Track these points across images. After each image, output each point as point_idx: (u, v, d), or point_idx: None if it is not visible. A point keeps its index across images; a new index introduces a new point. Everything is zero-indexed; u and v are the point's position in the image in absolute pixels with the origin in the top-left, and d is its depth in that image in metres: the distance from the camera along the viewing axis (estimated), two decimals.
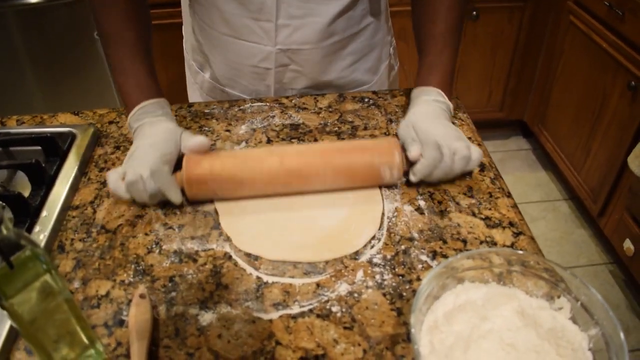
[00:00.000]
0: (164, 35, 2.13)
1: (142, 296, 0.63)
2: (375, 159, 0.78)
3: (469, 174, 0.83)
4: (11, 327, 0.62)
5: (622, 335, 0.52)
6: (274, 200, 0.79)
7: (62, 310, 0.54)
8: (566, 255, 2.16)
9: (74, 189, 0.83)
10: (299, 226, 0.75)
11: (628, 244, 1.88)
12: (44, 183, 0.82)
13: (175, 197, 0.77)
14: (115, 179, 0.77)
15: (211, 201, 0.79)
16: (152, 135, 0.80)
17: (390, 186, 0.81)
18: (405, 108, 0.98)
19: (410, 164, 0.80)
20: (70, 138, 0.92)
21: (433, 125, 0.81)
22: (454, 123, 0.91)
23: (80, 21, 2.14)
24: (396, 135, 0.87)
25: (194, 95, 1.17)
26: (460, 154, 0.77)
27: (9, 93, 2.31)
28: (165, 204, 0.78)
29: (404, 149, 0.81)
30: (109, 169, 0.86)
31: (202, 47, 1.06)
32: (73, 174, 0.84)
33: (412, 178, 0.80)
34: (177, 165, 0.79)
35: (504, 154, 2.70)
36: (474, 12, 2.23)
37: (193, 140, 0.78)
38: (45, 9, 2.10)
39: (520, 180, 2.53)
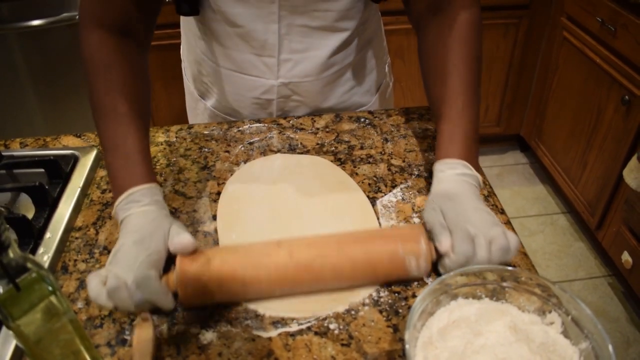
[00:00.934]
0: (163, 55, 2.16)
1: (144, 318, 0.64)
2: (400, 248, 0.68)
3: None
4: (16, 347, 0.64)
5: (610, 348, 0.53)
6: (273, 223, 0.80)
7: (67, 330, 0.55)
8: (565, 268, 2.18)
9: (76, 210, 0.85)
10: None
11: (626, 257, 1.89)
12: (47, 205, 0.84)
13: (167, 305, 0.66)
14: (95, 284, 0.63)
15: (212, 220, 0.81)
16: (138, 230, 0.69)
17: (416, 279, 0.72)
18: (400, 127, 1.00)
19: (439, 255, 0.70)
20: (73, 160, 0.94)
21: (463, 209, 0.71)
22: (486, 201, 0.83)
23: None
24: (422, 221, 0.77)
25: (195, 118, 1.19)
26: (497, 244, 0.66)
27: (11, 114, 2.33)
28: None
29: (431, 238, 0.71)
30: (111, 191, 0.88)
31: (204, 79, 1.08)
32: (76, 196, 0.86)
33: (442, 271, 0.70)
34: (169, 261, 0.69)
35: (502, 168, 2.72)
36: None
37: (176, 240, 0.67)
38: (47, 31, 2.12)
39: (518, 195, 2.55)
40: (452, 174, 0.76)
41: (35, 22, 2.08)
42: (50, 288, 0.52)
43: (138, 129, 0.77)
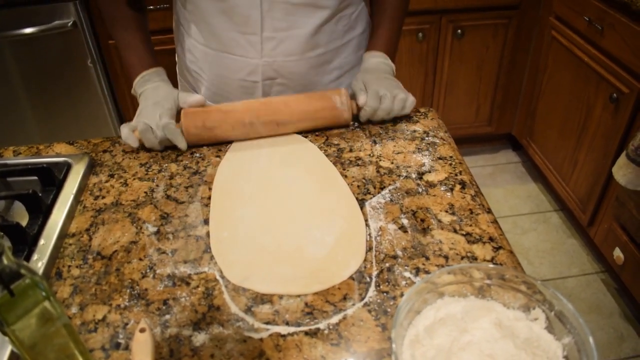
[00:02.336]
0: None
1: (142, 330, 0.65)
2: (327, 93, 1.00)
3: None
4: (11, 353, 0.65)
5: (591, 340, 0.54)
6: (264, 225, 0.82)
7: (61, 335, 0.56)
8: (558, 265, 2.19)
9: (70, 217, 0.86)
10: (288, 257, 0.76)
11: (618, 253, 1.91)
12: (41, 212, 0.85)
13: (181, 143, 0.96)
14: (127, 131, 0.96)
15: (203, 224, 0.82)
16: (154, 97, 0.99)
17: (345, 126, 1.03)
18: (388, 130, 1.02)
19: (359, 109, 1.00)
20: (66, 167, 0.95)
21: (377, 79, 1.02)
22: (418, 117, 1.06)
23: (74, 50, 2.17)
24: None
25: None
26: (398, 98, 0.99)
27: (3, 120, 2.34)
28: (159, 232, 0.81)
29: (353, 98, 1.03)
30: (104, 197, 0.89)
31: (193, 65, 1.11)
32: (69, 203, 0.87)
33: (362, 117, 1.01)
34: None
35: (494, 167, 2.74)
36: (459, 31, 2.28)
37: (192, 98, 0.97)
38: (40, 39, 2.13)
39: (511, 193, 2.57)
40: (374, 60, 1.07)
41: (28, 30, 2.09)
42: (44, 294, 0.53)
43: (143, 30, 1.09)
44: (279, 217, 0.83)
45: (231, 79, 1.06)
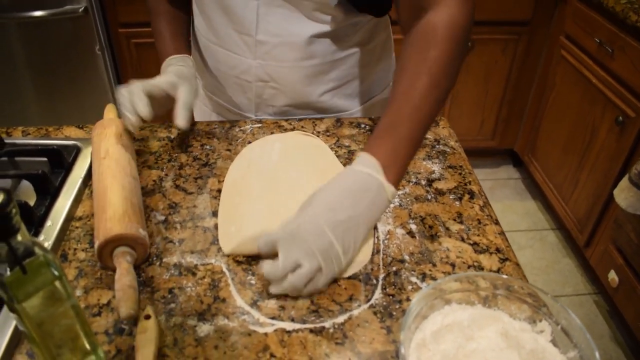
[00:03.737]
0: None
1: (147, 317, 0.65)
2: None
3: (459, 200, 0.87)
4: (14, 332, 0.64)
5: (597, 355, 0.55)
6: (271, 221, 0.82)
7: (69, 315, 0.56)
8: (552, 284, 2.20)
9: (77, 200, 0.86)
10: None
11: (612, 275, 1.92)
12: (49, 193, 0.85)
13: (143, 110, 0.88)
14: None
15: (211, 216, 0.82)
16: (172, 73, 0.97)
17: None
18: None
19: None
20: (76, 151, 0.95)
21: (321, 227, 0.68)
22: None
23: (83, 36, 2.17)
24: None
25: (194, 106, 1.21)
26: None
27: (6, 104, 2.33)
28: (167, 221, 0.81)
29: None
30: None
31: (198, 57, 1.12)
32: (77, 186, 0.87)
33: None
34: None
35: (494, 182, 2.74)
36: (469, 44, 2.29)
37: (181, 120, 0.92)
38: (48, 23, 2.12)
39: (509, 209, 2.57)
40: (351, 177, 0.72)
41: (38, 13, 2.08)
42: (56, 273, 0.53)
43: (177, 21, 1.10)
44: (287, 214, 0.82)
45: (228, 74, 1.06)
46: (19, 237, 0.50)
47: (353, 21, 0.99)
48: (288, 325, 0.66)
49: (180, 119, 0.92)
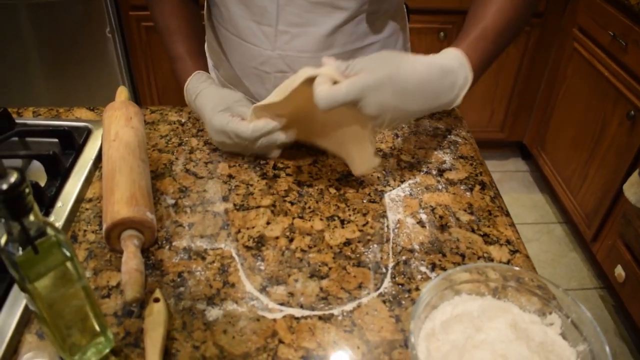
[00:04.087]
0: None
1: (156, 300, 0.65)
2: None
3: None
4: (23, 311, 0.65)
5: (607, 349, 0.54)
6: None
7: (79, 297, 0.56)
8: (558, 277, 2.19)
9: (88, 182, 0.86)
10: None
11: (619, 270, 1.91)
12: (59, 175, 0.85)
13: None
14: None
15: (221, 201, 0.82)
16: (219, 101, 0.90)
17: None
18: (411, 124, 1.01)
19: None
20: (86, 133, 0.95)
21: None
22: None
23: (93, 18, 2.16)
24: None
25: None
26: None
27: (14, 84, 2.33)
28: (177, 204, 0.81)
29: None
30: None
31: (215, 44, 1.11)
32: (88, 168, 0.87)
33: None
34: None
35: (502, 174, 2.73)
36: None
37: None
38: (59, 5, 2.12)
39: (517, 201, 2.56)
40: (430, 61, 0.77)
41: None
42: (67, 254, 0.53)
43: (189, 38, 1.01)
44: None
45: (246, 65, 1.05)
46: (32, 217, 0.50)
47: (372, 9, 0.98)
48: (297, 312, 0.66)
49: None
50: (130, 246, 0.70)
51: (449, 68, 0.77)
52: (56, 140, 0.91)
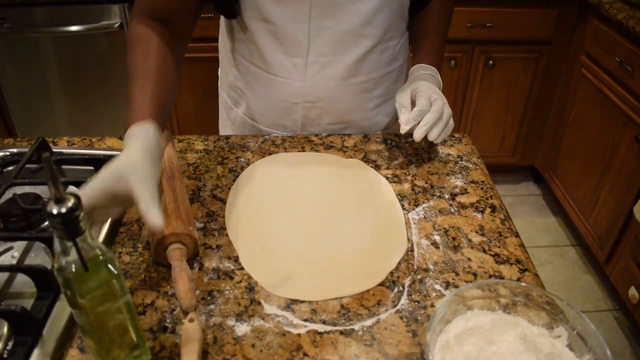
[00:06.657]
0: (194, 67, 2.24)
1: (191, 320, 0.70)
2: None
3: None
4: (66, 326, 0.70)
5: (609, 353, 0.59)
6: (296, 235, 0.87)
7: (122, 311, 0.61)
8: (572, 300, 2.21)
9: None
10: (324, 262, 0.82)
11: (633, 292, 1.93)
12: None
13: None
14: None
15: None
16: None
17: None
18: (424, 151, 1.06)
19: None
20: None
21: (431, 87, 1.00)
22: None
23: (117, 50, 2.24)
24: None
25: (225, 130, 1.27)
26: (448, 108, 0.99)
27: (36, 115, 2.40)
28: (205, 228, 0.87)
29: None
30: None
31: (239, 83, 1.15)
32: None
33: (405, 122, 0.97)
34: None
35: (515, 198, 2.77)
36: (491, 62, 2.33)
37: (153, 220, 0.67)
38: (84, 37, 2.18)
39: (530, 225, 2.59)
40: (425, 73, 1.06)
41: (74, 28, 2.14)
42: (115, 272, 0.58)
43: (154, 86, 0.84)
44: (312, 227, 0.88)
45: (273, 99, 1.10)
46: (86, 238, 0.55)
47: (392, 35, 1.07)
48: (320, 327, 0.71)
49: (154, 218, 0.67)
50: (180, 259, 0.76)
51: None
52: (91, 167, 0.97)
